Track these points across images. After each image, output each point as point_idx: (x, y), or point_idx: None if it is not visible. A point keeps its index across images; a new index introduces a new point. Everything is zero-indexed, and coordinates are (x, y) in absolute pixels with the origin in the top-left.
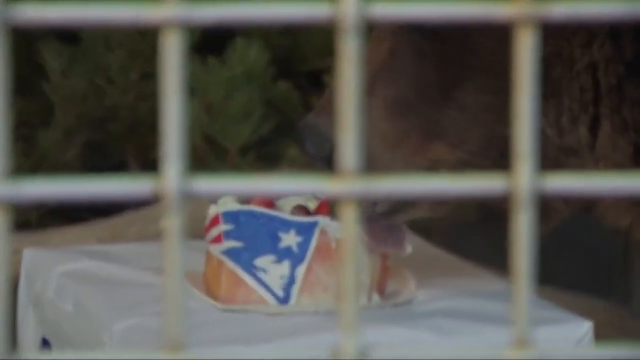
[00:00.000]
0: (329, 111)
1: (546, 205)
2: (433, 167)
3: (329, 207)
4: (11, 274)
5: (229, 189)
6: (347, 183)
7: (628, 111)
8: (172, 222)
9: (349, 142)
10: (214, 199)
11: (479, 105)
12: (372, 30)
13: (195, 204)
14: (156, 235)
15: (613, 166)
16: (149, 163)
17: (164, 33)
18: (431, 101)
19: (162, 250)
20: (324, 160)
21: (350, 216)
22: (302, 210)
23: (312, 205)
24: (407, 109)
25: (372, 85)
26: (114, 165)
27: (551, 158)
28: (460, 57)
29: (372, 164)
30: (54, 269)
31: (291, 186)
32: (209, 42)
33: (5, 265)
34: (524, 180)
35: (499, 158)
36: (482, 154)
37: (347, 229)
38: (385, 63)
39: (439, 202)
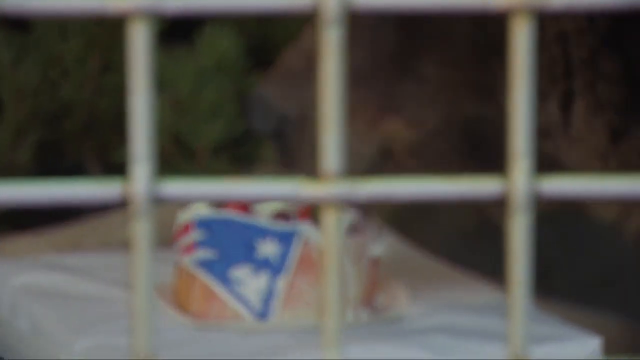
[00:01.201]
0: (280, 83)
1: None
2: (387, 143)
3: (310, 213)
4: None
5: (201, 193)
6: (330, 186)
7: (603, 89)
8: (140, 229)
9: (331, 143)
10: (184, 204)
11: (439, 80)
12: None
13: (163, 208)
14: (120, 244)
15: (589, 151)
16: (109, 164)
17: (129, 23)
18: (389, 72)
19: (128, 261)
20: (272, 134)
21: (332, 222)
22: (281, 216)
23: (292, 210)
24: (363, 79)
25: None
26: (70, 166)
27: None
28: (421, 24)
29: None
30: (8, 282)
31: (268, 190)
32: (176, 30)
33: None
34: (520, 182)
35: (460, 141)
36: (441, 134)
37: (329, 235)
38: None
39: None
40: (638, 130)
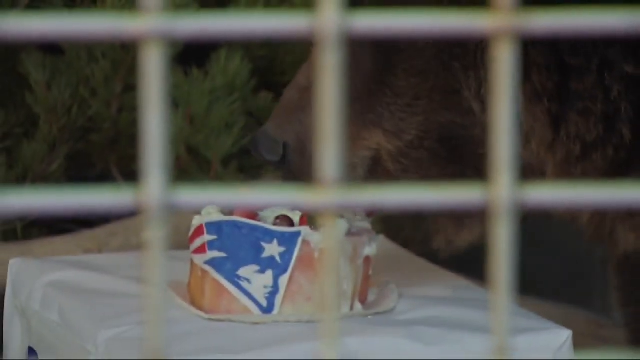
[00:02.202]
0: (280, 117)
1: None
2: (373, 156)
3: (307, 218)
4: None
5: (210, 200)
6: (328, 194)
7: (537, 77)
8: (154, 234)
9: (329, 154)
10: (196, 211)
11: (411, 90)
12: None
13: (180, 215)
14: (140, 246)
15: (540, 142)
16: (132, 173)
17: (144, 46)
18: (368, 89)
19: (143, 261)
20: (277, 163)
21: (331, 227)
22: (286, 220)
23: (295, 216)
24: (347, 98)
25: (313, 75)
26: (98, 175)
27: (482, 139)
28: (390, 40)
29: (313, 154)
30: (40, 279)
31: (272, 198)
32: (192, 53)
33: None
34: (503, 191)
35: (436, 147)
36: (419, 144)
37: (328, 237)
38: None
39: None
40: (574, 116)
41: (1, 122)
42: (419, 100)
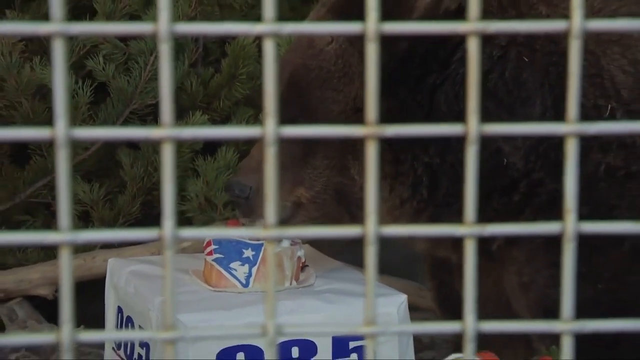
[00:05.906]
0: (244, 172)
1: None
2: (298, 201)
3: None
4: (102, 273)
5: (203, 235)
6: (270, 232)
7: (386, 166)
8: (168, 253)
9: (270, 208)
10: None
11: (322, 166)
12: None
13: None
14: (181, 251)
15: (391, 209)
16: (177, 212)
17: (162, 145)
18: (297, 164)
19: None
20: (245, 198)
21: (271, 248)
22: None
23: None
24: (284, 169)
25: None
26: (158, 213)
27: (357, 204)
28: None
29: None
30: (124, 269)
31: (242, 233)
32: (207, 147)
33: (70, 274)
34: (371, 228)
35: (333, 194)
36: (323, 193)
37: (270, 251)
38: None
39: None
40: (397, 185)
41: (106, 186)
42: (325, 171)
